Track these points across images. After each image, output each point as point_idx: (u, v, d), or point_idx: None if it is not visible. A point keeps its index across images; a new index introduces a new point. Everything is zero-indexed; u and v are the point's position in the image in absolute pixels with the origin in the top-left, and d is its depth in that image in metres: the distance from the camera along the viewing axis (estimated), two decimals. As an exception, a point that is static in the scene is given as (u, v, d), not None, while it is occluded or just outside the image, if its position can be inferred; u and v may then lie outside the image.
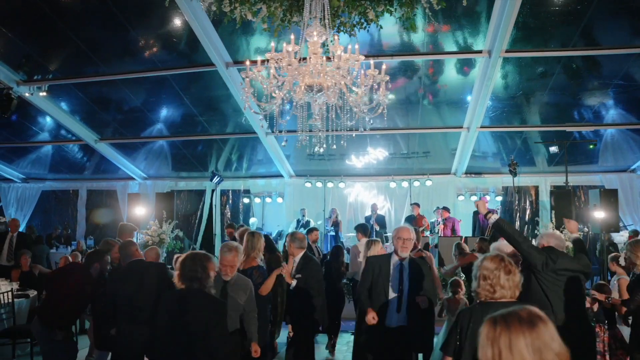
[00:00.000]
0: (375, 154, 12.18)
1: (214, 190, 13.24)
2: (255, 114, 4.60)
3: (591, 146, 9.80)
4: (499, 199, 12.15)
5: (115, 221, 13.23)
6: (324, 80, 4.12)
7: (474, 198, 12.22)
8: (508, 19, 7.02)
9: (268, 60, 4.27)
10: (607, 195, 8.39)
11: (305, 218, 11.95)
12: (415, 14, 5.70)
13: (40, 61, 9.10)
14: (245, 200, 13.43)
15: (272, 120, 11.23)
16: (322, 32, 4.28)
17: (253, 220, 12.57)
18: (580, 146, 10.56)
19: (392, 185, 12.67)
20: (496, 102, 9.71)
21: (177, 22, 7.91)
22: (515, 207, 12.04)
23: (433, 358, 5.05)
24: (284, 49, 4.38)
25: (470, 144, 10.79)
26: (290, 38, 4.23)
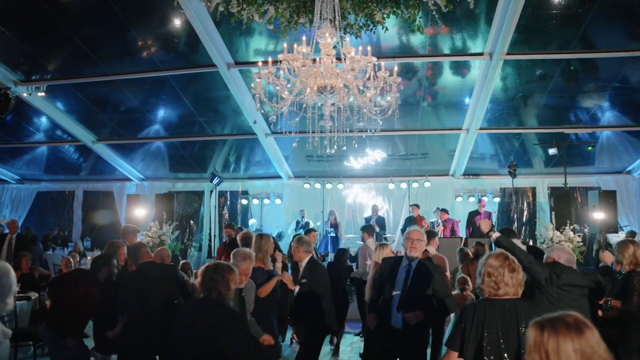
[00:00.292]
0: (374, 155, 12.21)
1: (212, 191, 13.20)
2: (264, 114, 4.59)
3: (589, 148, 9.91)
4: (497, 200, 12.23)
5: (113, 222, 13.19)
6: (336, 81, 4.13)
7: (472, 199, 12.30)
8: (510, 22, 7.08)
9: (281, 61, 4.27)
10: (606, 196, 8.48)
11: (304, 219, 11.94)
12: (421, 16, 5.73)
13: (39, 61, 9.02)
14: (244, 202, 13.40)
15: (275, 121, 11.28)
16: (333, 34, 4.29)
17: (252, 221, 12.55)
18: (577, 148, 10.66)
19: (391, 186, 12.70)
20: (495, 104, 9.77)
21: (179, 23, 7.88)
22: (513, 209, 12.13)
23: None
24: (294, 50, 4.39)
25: (469, 146, 10.86)
26: (302, 39, 4.24)
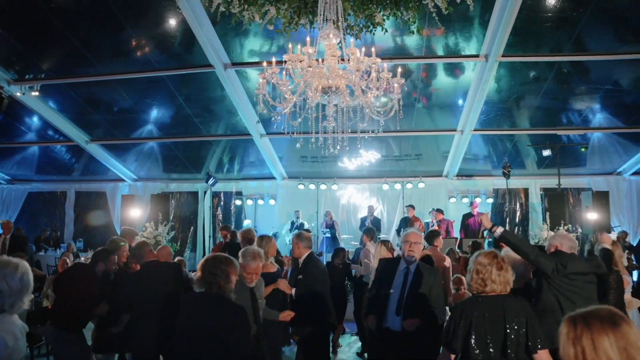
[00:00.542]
0: (368, 156, 12.26)
1: (206, 192, 13.16)
2: (269, 114, 4.60)
3: (583, 149, 10.06)
4: (490, 201, 12.35)
5: (106, 223, 13.09)
6: (340, 82, 4.16)
7: (465, 200, 12.41)
8: (506, 24, 7.18)
9: (285, 62, 4.29)
10: (599, 197, 8.62)
11: (299, 220, 11.95)
12: (420, 18, 5.78)
13: (33, 60, 8.94)
14: (238, 202, 13.37)
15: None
16: (337, 34, 4.32)
17: (247, 222, 12.53)
18: (569, 149, 10.81)
19: (385, 187, 12.76)
20: (488, 106, 9.88)
21: (177, 23, 7.86)
22: (506, 209, 12.25)
23: None
24: (298, 50, 4.41)
25: (464, 147, 10.95)
26: (306, 40, 4.26)
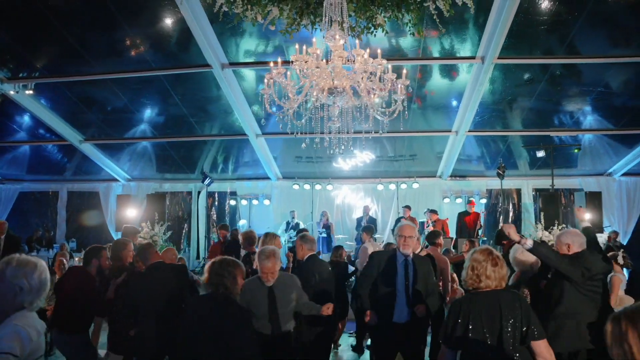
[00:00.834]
0: (363, 156, 12.32)
1: (200, 191, 13.12)
2: (273, 114, 4.62)
3: (576, 150, 10.22)
4: (483, 201, 12.49)
5: (99, 223, 12.99)
6: (347, 83, 4.20)
7: (459, 200, 12.54)
8: (503, 27, 7.29)
9: (292, 62, 4.32)
10: (592, 197, 8.77)
11: (294, 220, 11.97)
12: (420, 20, 5.84)
13: (27, 58, 8.84)
14: (232, 202, 13.35)
15: (265, 122, 11.23)
16: (342, 35, 4.36)
17: (242, 222, 12.52)
18: (561, 150, 10.97)
19: (380, 187, 12.83)
20: (482, 108, 9.98)
21: (175, 22, 7.84)
22: (499, 210, 12.40)
23: None
24: (303, 51, 4.44)
25: (458, 148, 11.06)
26: (312, 41, 4.30)
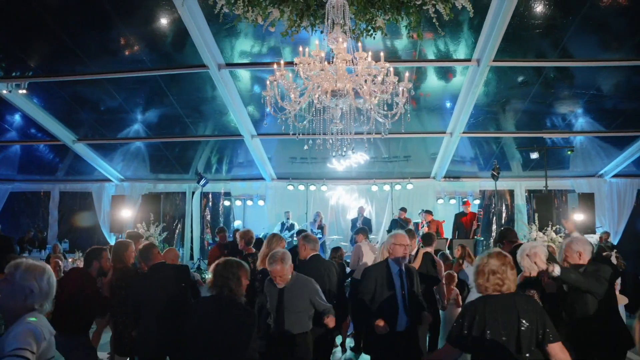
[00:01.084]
0: (357, 157, 12.35)
1: (194, 192, 13.08)
2: (276, 116, 4.64)
3: (569, 152, 10.35)
4: (477, 202, 12.59)
5: (93, 224, 12.89)
6: (349, 85, 4.23)
7: (452, 201, 12.63)
8: (499, 30, 7.36)
9: (296, 64, 4.33)
10: (585, 199, 8.89)
11: (289, 221, 11.97)
12: (420, 23, 5.87)
13: (21, 57, 8.73)
14: (226, 203, 13.31)
15: (259, 123, 11.22)
16: (345, 38, 4.39)
17: (238, 223, 12.49)
18: (553, 152, 11.11)
19: (374, 188, 12.88)
20: (476, 109, 10.06)
21: (172, 22, 7.81)
22: (492, 211, 12.51)
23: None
24: (306, 53, 4.46)
25: (452, 149, 11.15)
26: (315, 43, 4.31)
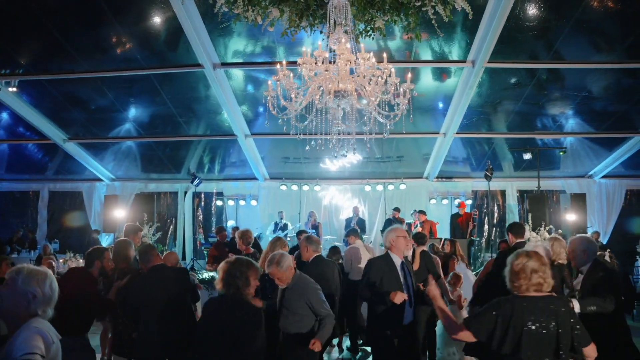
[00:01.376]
0: (350, 157, 12.32)
1: (186, 192, 12.99)
2: (276, 115, 4.63)
3: (561, 153, 10.49)
4: (469, 202, 12.68)
5: (83, 224, 12.73)
6: (352, 85, 4.24)
7: (445, 202, 12.72)
8: (495, 32, 7.43)
9: (299, 64, 4.33)
10: (577, 199, 9.01)
11: (283, 221, 11.95)
12: (419, 24, 5.89)
13: (11, 54, 8.57)
14: (219, 203, 13.25)
15: (252, 123, 11.16)
16: (347, 39, 4.39)
17: (231, 222, 12.43)
18: (544, 153, 11.24)
19: (367, 188, 12.91)
20: (469, 110, 10.11)
21: (167, 20, 7.74)
22: (485, 211, 12.63)
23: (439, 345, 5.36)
24: (307, 54, 4.46)
25: (445, 150, 11.22)
26: (318, 44, 4.31)
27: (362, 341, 7.08)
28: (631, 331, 3.94)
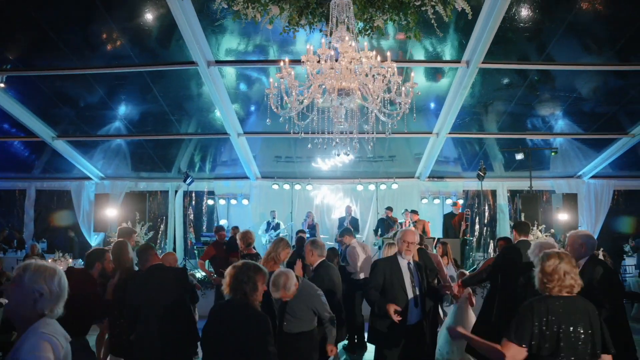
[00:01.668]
0: (342, 157, 12.31)
1: (177, 191, 12.86)
2: (278, 113, 4.59)
3: (553, 153, 10.62)
4: (460, 202, 12.77)
5: (72, 223, 12.52)
6: (356, 84, 4.22)
7: (437, 201, 12.79)
8: (490, 33, 7.47)
9: (303, 62, 4.29)
10: (568, 199, 9.12)
11: (275, 220, 11.90)
12: (417, 23, 5.90)
13: (-1, 49, 8.40)
14: (210, 202, 13.14)
15: (244, 121, 11.08)
16: (351, 37, 4.37)
17: (223, 222, 12.32)
18: (534, 153, 11.37)
19: (359, 188, 12.92)
20: (461, 110, 10.16)
21: (162, 17, 7.64)
22: (476, 210, 12.73)
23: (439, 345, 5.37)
24: (308, 51, 4.43)
25: (438, 149, 11.27)
26: (321, 42, 4.29)
27: (357, 340, 7.08)
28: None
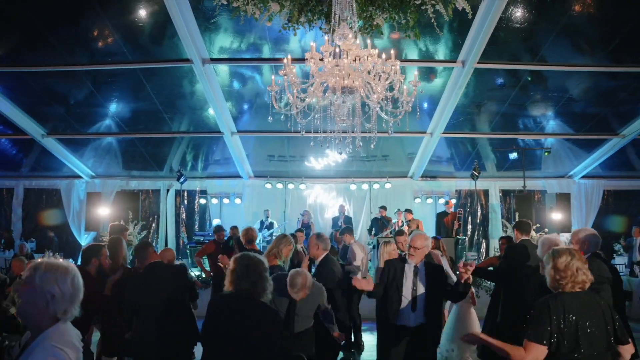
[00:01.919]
0: (335, 156, 12.32)
1: (169, 189, 12.73)
2: (279, 111, 4.54)
3: (546, 153, 10.72)
4: (453, 201, 12.83)
5: (61, 222, 12.32)
6: (359, 82, 4.19)
7: (429, 201, 12.84)
8: (486, 33, 7.50)
9: (306, 59, 4.26)
10: (562, 198, 9.21)
11: (268, 219, 11.84)
12: (416, 22, 5.90)
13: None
14: (202, 201, 13.03)
15: (237, 120, 11.00)
16: (354, 35, 4.35)
17: (217, 221, 12.21)
18: (526, 153, 11.46)
19: (352, 187, 12.91)
20: (455, 110, 10.19)
21: (156, 13, 7.53)
22: (468, 210, 12.80)
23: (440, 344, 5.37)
24: (311, 48, 4.39)
25: (431, 149, 11.31)
26: (325, 40, 4.25)
27: (354, 340, 7.06)
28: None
